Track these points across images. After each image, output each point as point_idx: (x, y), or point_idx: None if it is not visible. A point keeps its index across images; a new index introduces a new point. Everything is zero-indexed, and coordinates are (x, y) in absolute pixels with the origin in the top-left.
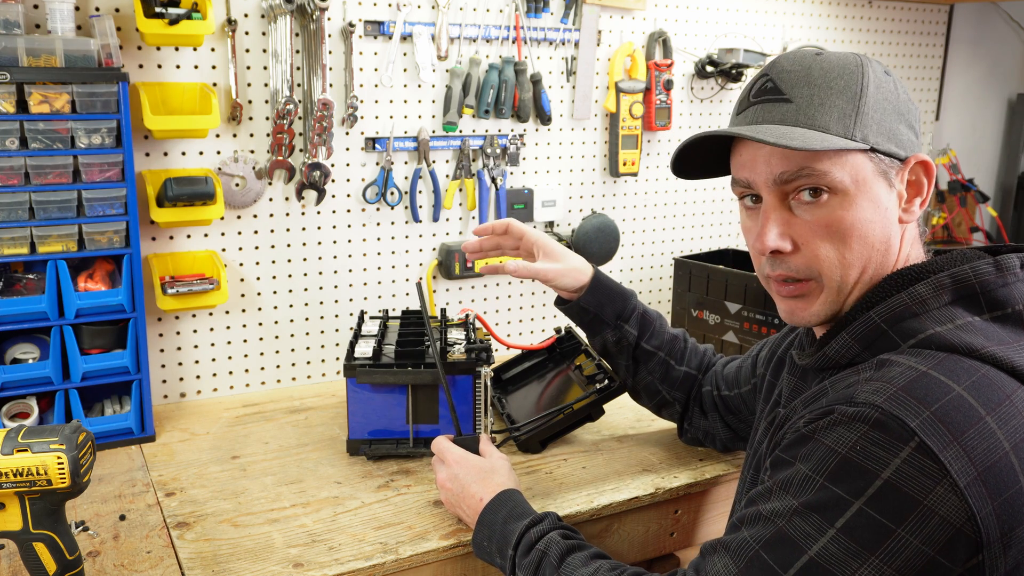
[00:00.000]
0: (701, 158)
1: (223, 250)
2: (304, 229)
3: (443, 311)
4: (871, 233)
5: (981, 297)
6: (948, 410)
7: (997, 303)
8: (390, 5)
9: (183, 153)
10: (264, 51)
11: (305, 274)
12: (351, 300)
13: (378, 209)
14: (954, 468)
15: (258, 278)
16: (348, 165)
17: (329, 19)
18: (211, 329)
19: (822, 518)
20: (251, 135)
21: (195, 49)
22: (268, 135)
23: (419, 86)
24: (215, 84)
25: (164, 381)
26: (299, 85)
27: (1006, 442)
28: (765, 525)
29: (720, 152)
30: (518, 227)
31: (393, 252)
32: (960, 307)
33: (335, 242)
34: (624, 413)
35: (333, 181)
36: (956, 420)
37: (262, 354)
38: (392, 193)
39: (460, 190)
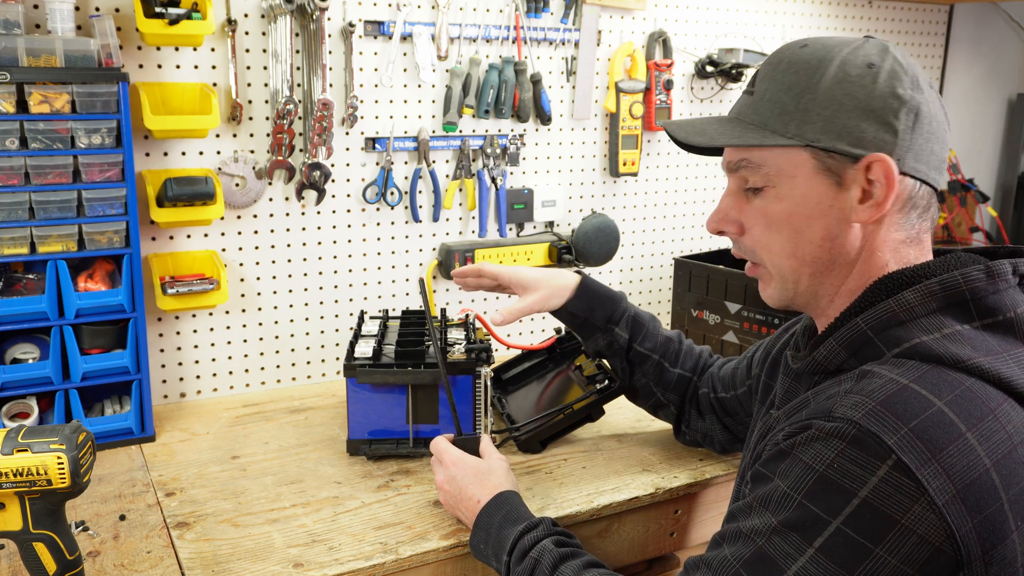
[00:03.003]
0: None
1: (223, 250)
2: (304, 229)
3: (443, 311)
4: (807, 229)
5: (971, 304)
6: (927, 426)
7: (987, 311)
8: (390, 5)
9: (183, 153)
10: (264, 51)
11: (305, 274)
12: (351, 300)
13: (378, 209)
14: (932, 486)
15: (258, 278)
16: (348, 165)
17: (329, 19)
18: (211, 329)
19: (801, 537)
20: (251, 135)
21: (195, 49)
22: (268, 135)
23: (419, 86)
24: (215, 84)
25: (164, 381)
26: (299, 85)
27: (987, 458)
28: (745, 543)
29: None
30: (490, 270)
31: (393, 252)
32: (949, 315)
33: (335, 242)
34: (624, 413)
35: (333, 181)
36: (935, 437)
37: (262, 354)
38: (392, 193)
39: (460, 190)
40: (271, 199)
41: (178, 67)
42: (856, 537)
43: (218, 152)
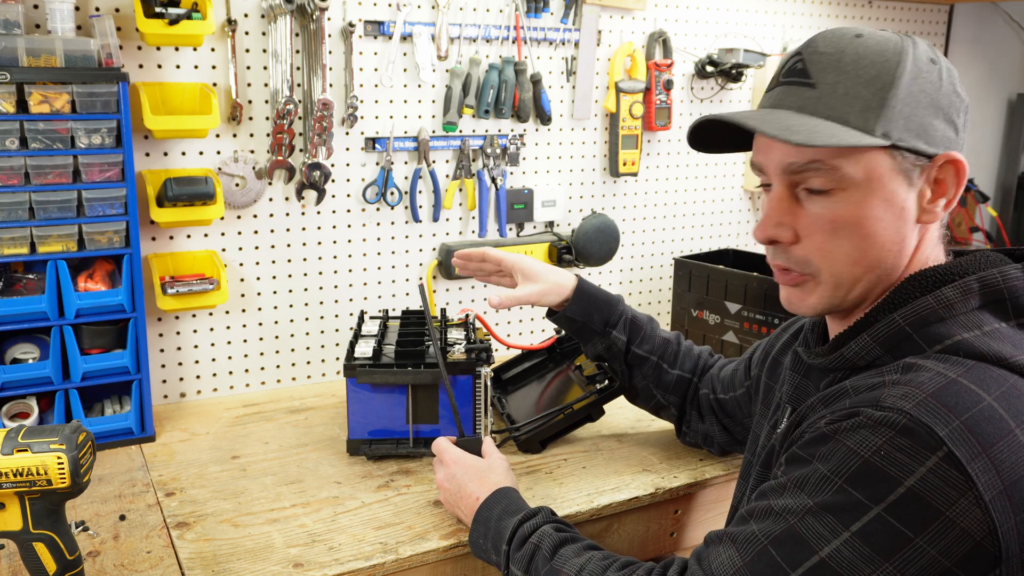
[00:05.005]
0: (723, 135)
1: (223, 250)
2: (304, 229)
3: (443, 311)
4: (881, 232)
5: (1008, 303)
6: (978, 420)
7: (1023, 309)
8: (390, 5)
9: (183, 153)
10: (264, 51)
11: (305, 274)
12: (351, 300)
13: (378, 209)
14: (981, 481)
15: (258, 278)
16: (348, 165)
17: (329, 19)
18: (211, 329)
19: (837, 520)
20: (251, 135)
21: (195, 49)
22: (268, 135)
23: (419, 86)
24: (215, 84)
25: (164, 381)
26: (299, 85)
27: None
28: (776, 521)
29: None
30: (494, 255)
31: (393, 252)
32: (987, 312)
33: (335, 242)
34: (624, 413)
35: (333, 181)
36: (986, 431)
37: (262, 354)
38: (392, 193)
39: (460, 190)
40: (271, 199)
41: (178, 67)
42: (897, 525)
43: (218, 152)
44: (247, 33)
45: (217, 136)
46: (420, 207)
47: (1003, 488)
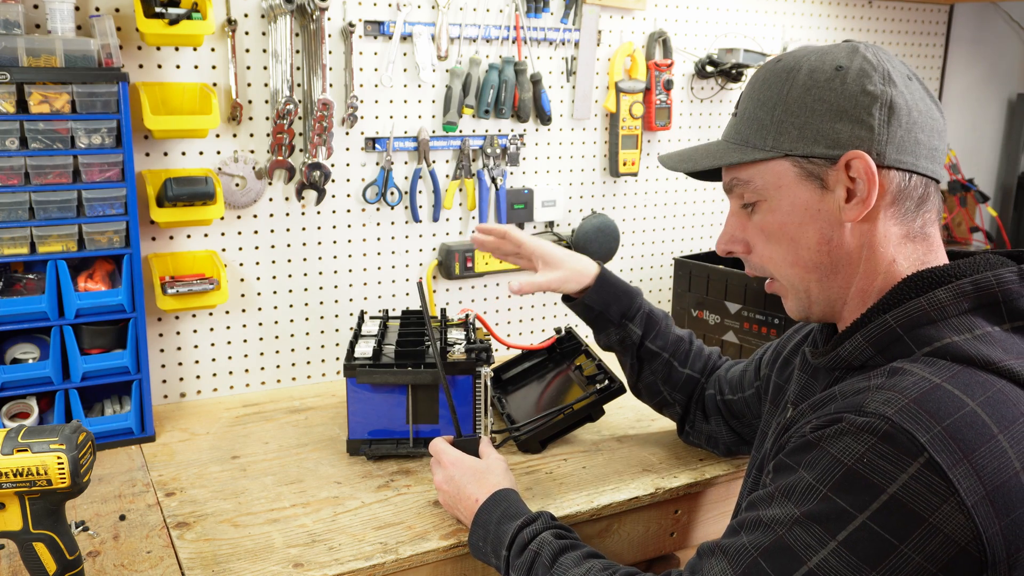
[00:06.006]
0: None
1: (223, 250)
2: (304, 229)
3: (443, 311)
4: (803, 235)
5: (1003, 306)
6: (960, 426)
7: (1018, 313)
8: (390, 5)
9: (183, 153)
10: (264, 51)
11: (305, 274)
12: (351, 300)
13: (378, 209)
14: (962, 486)
15: (258, 278)
16: (348, 165)
17: (329, 19)
18: (211, 329)
19: (823, 529)
20: (251, 135)
21: (195, 49)
22: (268, 135)
23: (419, 86)
24: (215, 84)
25: (164, 381)
26: (299, 85)
27: (1017, 461)
28: (764, 532)
29: None
30: (515, 235)
31: (393, 252)
32: (980, 316)
33: (335, 242)
34: (624, 413)
35: (333, 181)
36: (967, 437)
37: (262, 354)
38: (392, 193)
39: (460, 190)
40: (271, 199)
41: (178, 67)
42: (881, 532)
43: (218, 152)
44: (247, 33)
45: (217, 136)
46: (420, 207)
47: (985, 493)
